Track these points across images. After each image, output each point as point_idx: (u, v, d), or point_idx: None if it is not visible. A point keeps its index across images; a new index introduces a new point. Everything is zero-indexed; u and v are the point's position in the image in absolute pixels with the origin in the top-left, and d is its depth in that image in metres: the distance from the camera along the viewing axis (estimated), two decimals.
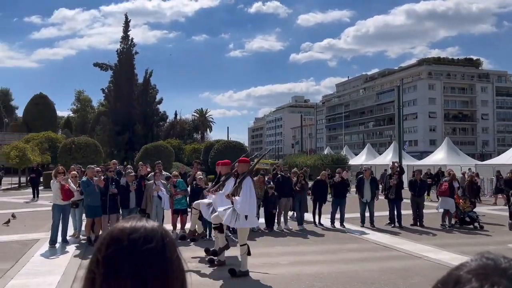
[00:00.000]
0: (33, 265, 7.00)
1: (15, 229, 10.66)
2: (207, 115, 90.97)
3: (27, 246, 8.51)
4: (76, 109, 69.84)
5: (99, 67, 48.06)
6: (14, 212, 12.66)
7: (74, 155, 27.55)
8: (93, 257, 0.76)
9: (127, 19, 49.46)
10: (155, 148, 32.53)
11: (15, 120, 69.72)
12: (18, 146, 27.36)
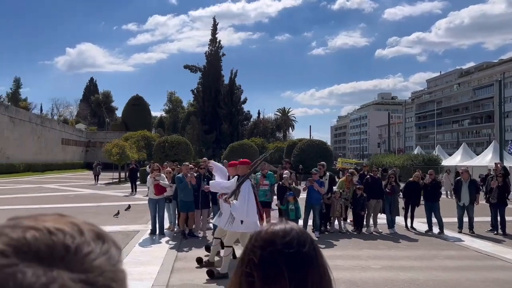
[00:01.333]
0: (135, 255, 7.56)
1: (118, 220, 11.65)
2: (289, 114, 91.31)
3: (129, 237, 9.23)
4: (168, 110, 74.30)
5: (189, 69, 50.67)
6: (119, 204, 13.82)
7: (167, 153, 29.35)
8: (245, 259, 0.78)
9: (215, 22, 51.47)
10: (241, 147, 33.45)
11: (115, 120, 76.21)
12: (118, 144, 29.87)
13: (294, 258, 0.74)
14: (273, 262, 0.74)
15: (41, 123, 43.26)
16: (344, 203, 10.42)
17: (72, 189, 22.43)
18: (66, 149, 49.58)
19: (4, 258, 0.44)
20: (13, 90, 72.24)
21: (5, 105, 37.44)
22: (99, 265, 0.46)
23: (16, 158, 36.33)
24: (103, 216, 12.64)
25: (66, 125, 53.61)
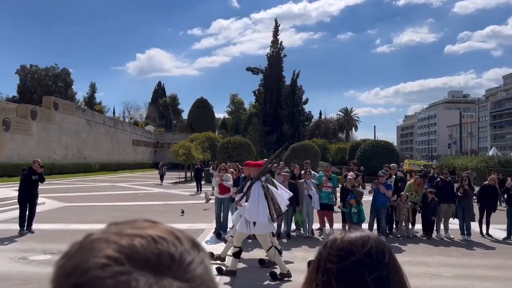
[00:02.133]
0: None
1: (184, 219, 12.09)
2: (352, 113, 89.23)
3: (195, 235, 9.53)
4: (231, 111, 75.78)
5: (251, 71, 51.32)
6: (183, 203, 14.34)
7: (230, 153, 29.94)
8: (320, 267, 0.77)
9: (277, 24, 51.68)
10: (302, 148, 33.20)
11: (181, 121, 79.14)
12: (184, 145, 31.00)
13: (376, 268, 0.72)
14: (354, 272, 0.72)
15: (114, 125, 46.07)
16: (411, 207, 9.97)
17: (141, 188, 23.61)
18: (137, 149, 52.35)
19: (119, 265, 0.44)
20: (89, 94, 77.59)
21: (83, 109, 40.37)
22: (200, 274, 0.47)
23: (92, 158, 39.00)
24: (169, 214, 13.17)
25: (136, 127, 56.61)
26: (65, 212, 13.10)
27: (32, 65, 64.92)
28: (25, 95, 59.76)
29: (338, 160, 36.83)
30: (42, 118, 30.56)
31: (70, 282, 0.44)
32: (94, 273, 0.44)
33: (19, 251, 7.66)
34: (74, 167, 34.14)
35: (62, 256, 0.48)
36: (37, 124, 29.83)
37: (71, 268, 0.45)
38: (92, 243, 0.47)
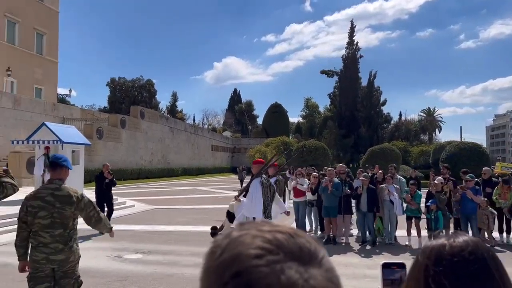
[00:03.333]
0: None
1: None
2: (435, 114, 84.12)
3: None
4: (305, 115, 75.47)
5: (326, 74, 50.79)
6: None
7: (306, 158, 29.86)
8: (427, 274, 0.79)
9: (353, 25, 50.67)
10: (381, 151, 32.07)
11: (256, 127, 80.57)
12: (260, 149, 31.58)
13: (487, 272, 0.74)
14: (466, 277, 0.75)
15: (194, 131, 48.25)
16: (492, 214, 9.12)
17: (221, 191, 24.42)
18: (215, 154, 54.27)
19: (272, 255, 0.49)
20: (171, 103, 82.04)
21: (166, 117, 42.85)
22: (331, 267, 0.53)
23: (175, 163, 41.18)
24: None
25: (214, 133, 58.72)
26: (152, 214, 14.00)
27: (120, 77, 70.28)
28: (115, 106, 64.86)
29: (420, 163, 34.93)
30: (130, 127, 32.98)
31: (231, 270, 0.49)
32: (252, 262, 0.49)
33: (114, 250, 8.36)
34: (159, 172, 36.32)
35: (213, 249, 0.54)
36: (126, 132, 32.25)
37: (228, 258, 0.51)
38: (240, 237, 0.53)
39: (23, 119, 26.23)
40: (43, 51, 40.12)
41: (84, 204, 3.57)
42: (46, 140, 14.20)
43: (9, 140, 23.76)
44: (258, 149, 31.95)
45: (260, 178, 6.51)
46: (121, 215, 13.62)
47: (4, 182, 3.23)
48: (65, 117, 29.75)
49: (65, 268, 3.45)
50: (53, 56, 41.70)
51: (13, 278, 6.30)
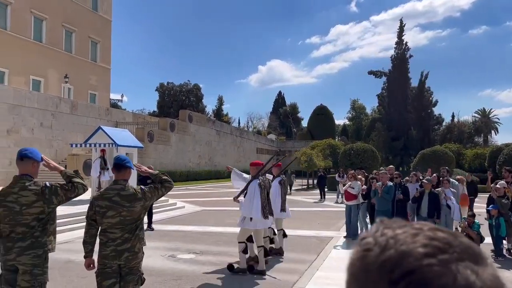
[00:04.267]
0: (332, 260, 7.77)
1: (311, 226, 12.19)
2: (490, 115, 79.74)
3: (324, 242, 9.56)
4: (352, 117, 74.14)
5: (374, 74, 49.61)
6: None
7: (353, 160, 29.28)
8: None
9: (402, 23, 49.21)
10: (433, 154, 30.82)
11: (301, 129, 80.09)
12: (306, 152, 31.30)
13: None
14: None
15: (239, 134, 48.74)
16: None
17: None
18: (260, 157, 54.46)
19: (443, 254, 0.48)
20: (217, 107, 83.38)
21: (213, 120, 43.60)
22: (492, 266, 0.51)
23: (221, 165, 41.76)
24: (296, 220, 13.41)
25: (259, 136, 59.00)
26: (202, 216, 14.27)
27: (169, 82, 72.36)
28: (164, 110, 66.84)
29: (475, 167, 33.21)
30: (179, 130, 33.84)
31: (401, 269, 0.48)
32: (424, 261, 0.47)
33: (168, 250, 8.59)
34: (206, 174, 36.98)
35: (367, 247, 0.53)
36: (175, 135, 33.13)
37: (396, 256, 0.49)
38: (398, 235, 0.51)
39: (79, 123, 27.63)
40: (97, 59, 42.13)
41: (150, 193, 3.73)
42: (102, 143, 14.86)
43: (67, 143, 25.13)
44: (304, 151, 31.66)
45: (258, 179, 6.77)
46: (173, 216, 13.99)
47: (75, 182, 3.41)
48: (118, 121, 31.02)
49: (131, 265, 3.58)
50: (106, 63, 43.67)
51: (76, 274, 6.63)
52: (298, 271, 6.97)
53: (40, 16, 34.61)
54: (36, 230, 3.22)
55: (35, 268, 3.19)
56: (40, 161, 3.45)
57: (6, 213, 3.16)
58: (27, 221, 3.18)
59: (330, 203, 20.09)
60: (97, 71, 41.88)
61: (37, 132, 24.17)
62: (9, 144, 22.44)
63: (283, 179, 8.60)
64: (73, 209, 11.48)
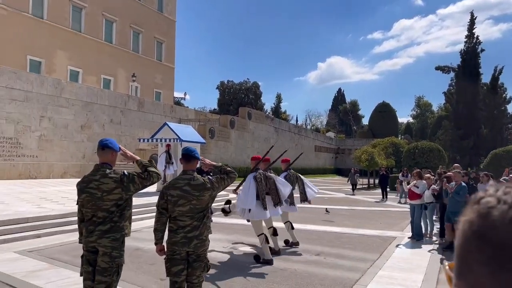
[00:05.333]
0: (395, 260, 7.55)
1: (374, 225, 11.89)
2: None
3: (387, 242, 9.29)
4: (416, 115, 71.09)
5: (441, 70, 47.15)
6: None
7: (417, 160, 28.09)
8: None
9: (473, 16, 46.32)
10: (507, 153, 28.76)
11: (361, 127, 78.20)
12: (367, 150, 30.50)
13: None
14: None
15: (298, 132, 48.55)
16: None
17: (325, 192, 24.18)
18: (319, 155, 53.94)
19: None
20: (276, 104, 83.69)
21: (271, 118, 43.80)
22: None
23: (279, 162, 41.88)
24: (357, 219, 13.16)
25: (318, 134, 58.39)
26: None
27: (229, 80, 73.74)
28: (224, 108, 68.27)
29: None
30: (239, 127, 34.41)
31: None
32: None
33: (229, 242, 8.80)
34: None
35: (493, 205, 0.52)
36: (235, 132, 33.73)
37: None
38: None
39: (146, 119, 29.02)
40: (162, 58, 43.93)
41: (217, 183, 3.89)
42: (167, 138, 15.52)
43: (135, 139, 26.50)
44: (365, 150, 30.84)
45: (255, 173, 7.18)
46: None
47: (150, 171, 3.61)
48: (181, 118, 32.16)
49: (199, 252, 3.73)
50: (171, 62, 45.40)
51: (145, 260, 7.01)
52: (360, 269, 6.85)
53: (110, 19, 36.73)
54: (115, 215, 3.46)
55: (114, 250, 3.43)
56: (118, 151, 3.69)
57: (88, 198, 3.43)
58: (107, 206, 3.43)
59: (393, 203, 19.46)
60: (162, 70, 43.67)
61: (108, 128, 25.72)
62: (82, 138, 24.10)
63: (290, 174, 8.87)
64: (141, 200, 12.11)
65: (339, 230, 10.72)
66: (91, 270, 3.49)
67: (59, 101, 22.73)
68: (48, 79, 22.82)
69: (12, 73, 20.55)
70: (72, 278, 5.72)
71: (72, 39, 32.96)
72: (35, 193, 14.14)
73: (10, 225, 8.52)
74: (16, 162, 20.50)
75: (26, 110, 20.94)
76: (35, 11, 30.55)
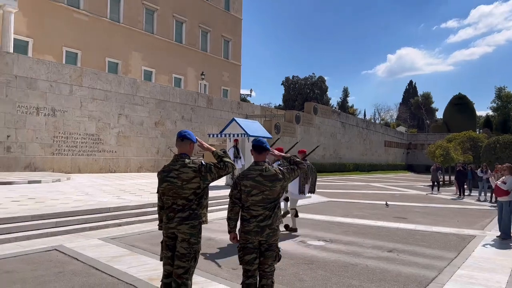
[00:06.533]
0: (475, 259, 7.10)
1: (451, 223, 11.28)
2: None
3: (465, 240, 8.76)
4: (497, 107, 65.90)
5: None
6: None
7: (499, 155, 26.07)
8: None
9: None
10: None
11: (435, 121, 74.09)
12: (442, 145, 28.87)
13: None
14: None
15: (366, 126, 47.17)
16: None
17: (396, 189, 23.29)
18: (388, 150, 52.02)
19: None
20: (342, 99, 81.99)
21: (338, 112, 42.96)
22: None
23: (346, 158, 41.05)
24: (431, 216, 12.54)
25: (388, 128, 56.28)
26: (330, 206, 14.26)
27: (294, 76, 73.51)
28: (288, 103, 68.23)
29: None
30: (304, 122, 34.20)
31: None
32: None
33: (297, 235, 8.81)
34: (330, 167, 36.73)
35: None
36: (300, 127, 33.58)
37: None
38: None
39: (214, 116, 29.86)
40: (229, 56, 44.88)
41: (288, 174, 3.90)
42: (235, 133, 15.86)
43: (204, 134, 27.40)
44: (439, 144, 29.18)
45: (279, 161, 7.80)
46: (300, 205, 14.26)
47: (226, 161, 3.74)
48: (248, 114, 32.66)
49: (271, 241, 3.79)
50: (237, 60, 46.23)
51: (216, 250, 7.27)
52: (436, 267, 6.54)
53: (180, 19, 38.21)
54: (193, 203, 3.62)
55: (192, 237, 3.60)
56: (196, 142, 3.86)
57: (170, 187, 3.62)
58: (186, 194, 3.60)
59: (471, 200, 18.29)
60: (229, 68, 44.63)
61: (179, 124, 26.84)
62: (156, 135, 25.39)
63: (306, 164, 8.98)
64: (211, 193, 12.52)
65: (412, 227, 10.29)
66: (171, 255, 3.68)
67: (135, 99, 24.12)
68: (125, 79, 24.31)
69: (93, 74, 22.17)
70: (150, 264, 6.08)
71: (145, 40, 34.79)
72: (115, 185, 15.17)
73: (94, 214, 9.24)
74: (98, 157, 22.12)
75: (105, 108, 22.50)
76: (112, 16, 32.65)
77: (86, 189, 13.47)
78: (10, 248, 6.87)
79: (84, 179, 17.27)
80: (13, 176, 15.93)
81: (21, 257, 6.37)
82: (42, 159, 19.62)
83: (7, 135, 18.42)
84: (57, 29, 28.51)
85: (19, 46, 25.80)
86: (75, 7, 29.93)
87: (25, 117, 19.04)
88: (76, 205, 9.64)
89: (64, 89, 20.60)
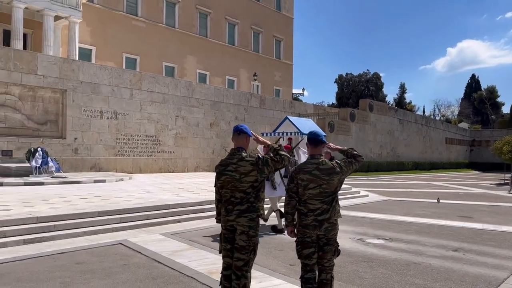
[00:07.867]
0: None
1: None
2: None
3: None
4: None
5: None
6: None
7: None
8: None
9: None
10: None
11: (501, 116, 69.47)
12: (510, 141, 27.01)
13: None
14: None
15: (425, 123, 45.17)
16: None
17: (459, 187, 22.10)
18: (450, 148, 49.48)
19: None
20: (399, 95, 79.10)
21: (395, 109, 41.51)
22: None
23: (405, 156, 39.55)
24: (500, 215, 11.76)
25: (449, 125, 53.55)
26: (389, 205, 13.81)
27: (347, 73, 72.06)
28: (342, 101, 66.98)
29: None
30: (359, 120, 33.40)
31: None
32: None
33: (356, 234, 8.62)
34: (388, 165, 35.57)
35: None
36: (355, 125, 32.84)
37: None
38: None
39: (267, 116, 29.99)
40: (280, 56, 44.90)
41: (345, 167, 3.85)
42: (288, 132, 15.82)
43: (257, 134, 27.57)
44: (507, 140, 27.31)
45: None
46: (357, 203, 13.97)
47: (282, 154, 3.74)
48: (300, 113, 32.47)
49: (329, 236, 3.73)
50: (289, 60, 46.13)
51: (274, 247, 7.29)
52: (507, 267, 6.12)
53: (233, 22, 38.81)
54: (251, 196, 3.66)
55: (250, 229, 3.63)
56: (251, 136, 3.90)
57: (228, 180, 3.68)
58: (244, 188, 3.64)
59: None
60: (281, 67, 44.64)
61: (233, 124, 27.20)
62: (212, 135, 25.95)
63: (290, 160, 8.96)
64: None
65: (479, 227, 9.71)
66: (230, 248, 3.74)
67: (191, 101, 24.82)
68: (181, 81, 25.08)
69: (151, 78, 23.09)
70: (210, 259, 6.22)
71: (199, 44, 35.71)
72: (174, 184, 15.70)
73: (155, 210, 9.61)
74: (157, 157, 22.99)
75: (163, 110, 23.34)
76: (168, 21, 33.84)
77: (147, 187, 14.05)
78: (79, 242, 7.33)
79: (145, 179, 18.03)
80: (80, 176, 16.97)
81: (90, 250, 6.77)
82: (106, 160, 20.74)
83: (75, 138, 19.66)
84: (117, 36, 30.03)
85: (83, 54, 27.48)
86: (133, 15, 31.37)
87: (90, 120, 20.22)
88: (138, 202, 10.08)
89: (125, 93, 21.63)
